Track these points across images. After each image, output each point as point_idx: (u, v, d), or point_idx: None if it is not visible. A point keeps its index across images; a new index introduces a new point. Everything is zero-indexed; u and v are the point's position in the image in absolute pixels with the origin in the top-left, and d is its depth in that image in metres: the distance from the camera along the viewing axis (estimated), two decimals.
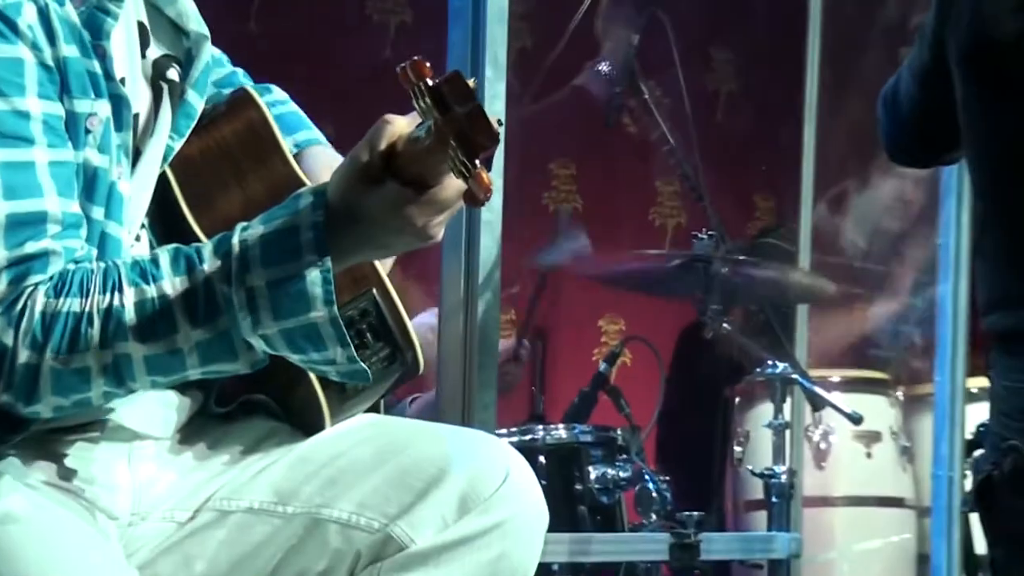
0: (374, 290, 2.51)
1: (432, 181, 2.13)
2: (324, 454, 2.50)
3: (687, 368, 6.41)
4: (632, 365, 6.51)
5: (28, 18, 2.24)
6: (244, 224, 2.27)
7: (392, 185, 2.13)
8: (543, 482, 4.46)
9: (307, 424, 2.53)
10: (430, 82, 2.11)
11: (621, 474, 4.44)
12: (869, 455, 5.89)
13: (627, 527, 4.56)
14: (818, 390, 4.96)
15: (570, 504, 4.53)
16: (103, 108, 2.32)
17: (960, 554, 4.97)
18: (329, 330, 2.24)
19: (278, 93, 2.83)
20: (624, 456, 4.51)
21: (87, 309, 2.20)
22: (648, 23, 5.38)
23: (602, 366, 5.10)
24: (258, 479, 2.49)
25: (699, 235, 4.84)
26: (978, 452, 4.12)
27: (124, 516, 2.43)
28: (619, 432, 4.66)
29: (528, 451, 4.53)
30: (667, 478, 4.60)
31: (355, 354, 2.32)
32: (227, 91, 2.79)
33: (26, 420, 2.28)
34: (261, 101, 2.63)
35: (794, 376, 4.81)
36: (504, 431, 4.67)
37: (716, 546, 4.46)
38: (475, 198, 2.12)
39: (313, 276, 2.19)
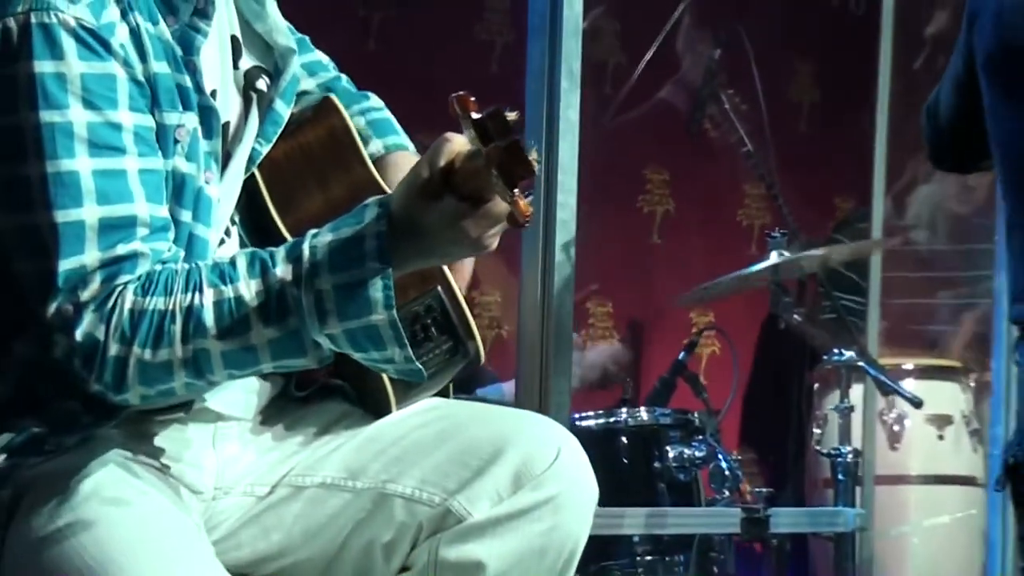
0: (439, 288, 2.50)
1: (487, 196, 2.13)
2: (391, 435, 2.51)
3: (769, 355, 6.42)
4: (722, 354, 6.49)
5: (120, 37, 2.24)
6: (315, 231, 2.27)
7: (449, 200, 2.13)
8: (625, 461, 4.54)
9: (376, 408, 2.54)
10: (475, 115, 2.13)
11: (696, 453, 4.44)
12: (941, 437, 5.87)
13: (704, 502, 4.54)
14: (882, 377, 4.93)
15: (650, 481, 4.52)
16: (191, 120, 2.33)
17: (1016, 530, 4.93)
18: (389, 332, 2.23)
19: (374, 100, 2.82)
20: (700, 437, 4.49)
21: (171, 308, 2.20)
22: (729, 39, 5.37)
23: (681, 354, 5.09)
24: (330, 457, 2.51)
25: (773, 233, 4.82)
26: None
27: (208, 491, 2.45)
28: (696, 415, 4.65)
29: (611, 432, 4.63)
30: (739, 457, 4.61)
31: (412, 354, 2.31)
32: (334, 96, 2.78)
33: (119, 407, 2.28)
34: (343, 109, 2.62)
35: (859, 363, 4.78)
36: (591, 413, 4.70)
37: (784, 520, 4.44)
38: (516, 221, 2.14)
39: (375, 282, 2.19)
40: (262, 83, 2.55)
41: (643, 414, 4.68)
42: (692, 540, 4.50)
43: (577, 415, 4.72)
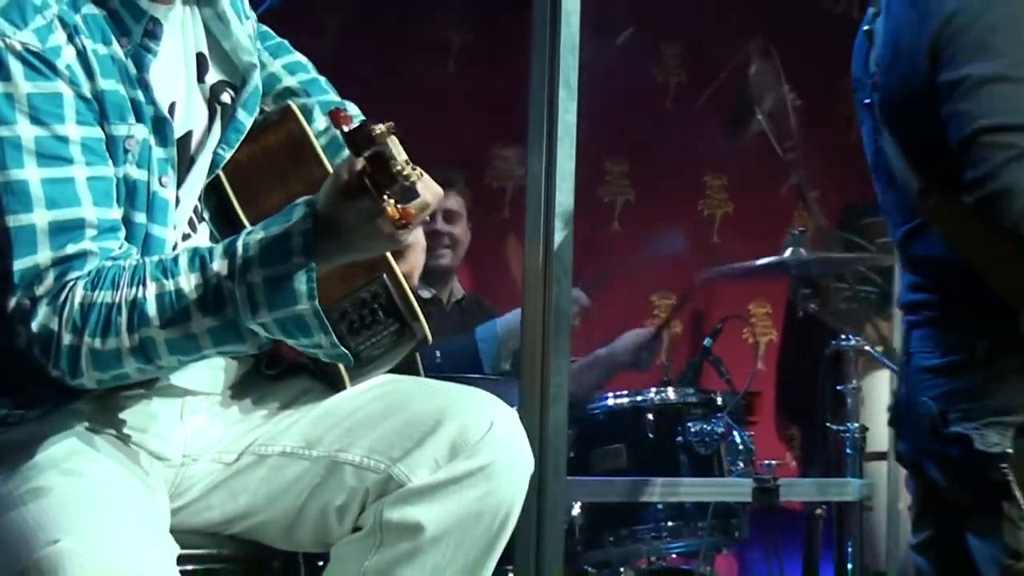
0: (384, 276, 2.48)
1: (415, 196, 2.14)
2: (344, 409, 2.51)
3: (799, 340, 6.42)
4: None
5: (67, 58, 2.25)
6: (250, 229, 2.29)
7: (365, 199, 2.13)
8: (650, 435, 4.49)
9: (334, 384, 2.54)
10: (345, 129, 2.16)
11: (716, 429, 4.39)
12: None
13: (724, 474, 4.50)
14: (886, 360, 4.85)
15: (673, 454, 4.48)
16: (140, 131, 2.33)
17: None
18: (314, 321, 2.24)
19: (352, 108, 2.80)
20: (719, 415, 4.46)
21: (117, 301, 2.21)
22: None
23: (707, 341, 5.11)
24: (291, 428, 2.51)
25: (793, 231, 4.82)
26: None
27: (176, 458, 2.46)
28: (718, 394, 4.65)
29: (639, 410, 4.60)
30: (752, 432, 4.56)
31: (336, 341, 2.32)
32: (314, 98, 2.82)
33: (75, 391, 2.31)
34: (301, 116, 2.62)
35: (866, 348, 4.77)
36: (624, 392, 4.69)
37: (794, 490, 4.36)
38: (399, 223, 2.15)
39: (300, 275, 2.20)
40: (226, 96, 2.54)
41: (670, 393, 4.66)
42: (707, 508, 4.47)
43: (611, 393, 4.75)
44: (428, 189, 2.25)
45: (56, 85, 2.23)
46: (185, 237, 2.50)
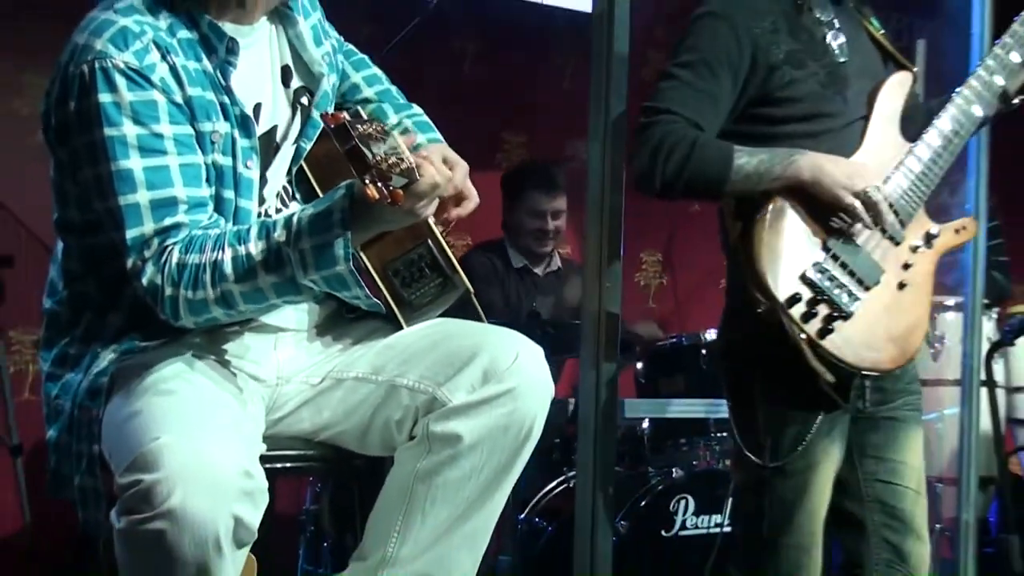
0: (428, 240, 2.48)
1: (413, 180, 2.13)
2: (401, 344, 2.50)
3: None
4: None
5: (160, 73, 2.27)
6: (304, 206, 2.30)
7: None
8: (703, 367, 4.45)
9: (396, 326, 2.53)
10: (331, 126, 2.13)
11: None
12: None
13: None
14: None
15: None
16: (223, 126, 2.35)
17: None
18: (351, 278, 2.25)
19: (416, 108, 2.77)
20: None
21: (203, 262, 2.23)
22: None
23: None
24: (361, 359, 2.52)
25: None
26: None
27: (271, 379, 2.48)
28: None
29: (695, 347, 4.55)
30: None
31: (369, 294, 2.34)
32: (386, 104, 2.77)
33: (182, 329, 2.35)
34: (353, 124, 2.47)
35: None
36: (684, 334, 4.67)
37: None
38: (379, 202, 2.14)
39: (339, 242, 2.21)
40: (304, 99, 2.55)
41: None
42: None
43: (674, 335, 4.74)
44: (433, 170, 2.22)
45: (152, 94, 2.25)
46: (278, 211, 2.52)
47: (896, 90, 3.04)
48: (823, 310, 2.83)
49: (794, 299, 2.82)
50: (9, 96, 4.66)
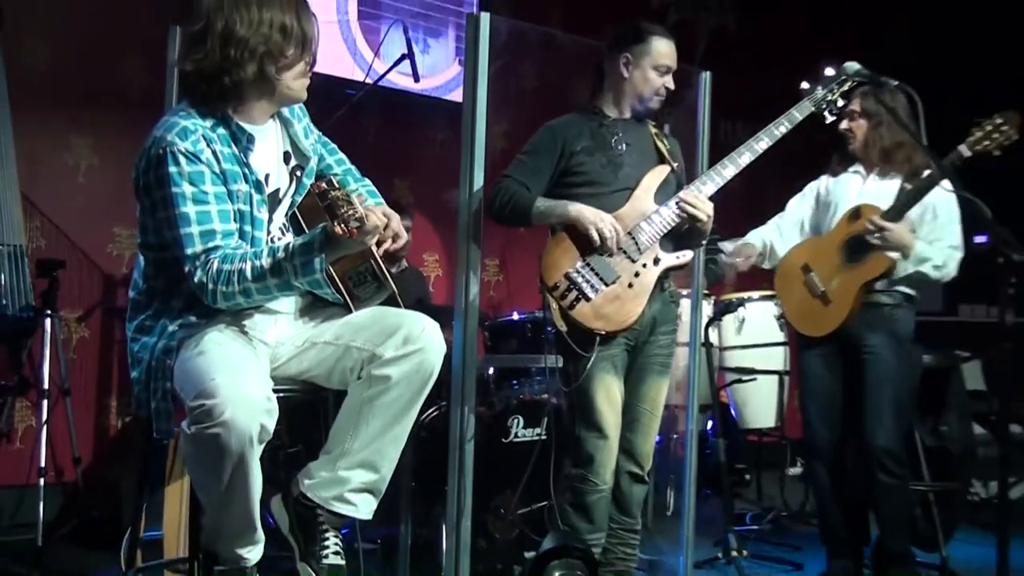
0: (371, 260, 2.46)
1: (363, 224, 2.14)
2: (353, 321, 2.48)
3: None
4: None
5: (207, 154, 2.28)
6: (296, 237, 2.31)
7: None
8: (529, 335, 4.13)
9: (347, 311, 2.51)
10: (315, 192, 2.18)
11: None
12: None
13: None
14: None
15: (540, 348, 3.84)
16: (244, 187, 2.34)
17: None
18: (325, 282, 2.29)
19: (367, 181, 2.70)
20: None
21: (232, 269, 2.24)
22: None
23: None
24: (328, 330, 2.50)
25: None
26: None
27: (272, 343, 2.48)
28: None
29: (524, 321, 4.27)
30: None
31: (333, 291, 2.34)
32: (348, 177, 2.68)
33: (220, 310, 2.34)
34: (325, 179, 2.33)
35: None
36: (516, 310, 4.41)
37: None
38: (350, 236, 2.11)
39: (317, 260, 2.22)
40: (298, 171, 2.52)
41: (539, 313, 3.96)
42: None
43: (508, 313, 4.44)
44: (376, 218, 2.22)
45: (200, 167, 2.26)
46: (279, 238, 2.49)
47: (656, 176, 3.19)
48: (572, 293, 3.04)
49: (555, 286, 3.04)
50: (61, 150, 4.46)
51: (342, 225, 2.09)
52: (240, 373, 2.18)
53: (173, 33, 3.50)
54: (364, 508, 2.45)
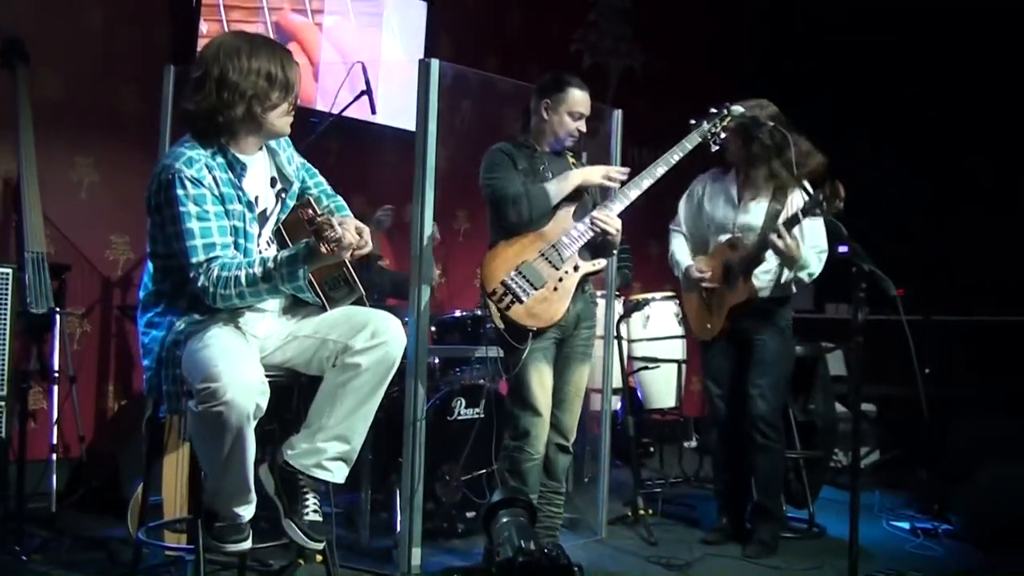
0: (343, 268, 2.44)
1: (340, 240, 2.15)
2: (328, 318, 2.47)
3: None
4: None
5: (208, 180, 2.27)
6: (282, 250, 2.30)
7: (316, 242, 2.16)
8: (469, 329, 4.06)
9: (325, 308, 2.48)
10: (302, 215, 2.20)
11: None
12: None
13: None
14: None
15: (478, 339, 3.98)
16: (238, 207, 2.32)
17: None
18: (307, 287, 2.31)
19: (339, 198, 2.65)
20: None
21: (229, 275, 2.24)
22: None
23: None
24: (307, 325, 2.49)
25: None
26: None
27: (261, 336, 2.46)
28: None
29: (467, 319, 4.14)
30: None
31: (313, 294, 2.33)
32: (324, 195, 2.62)
33: (219, 309, 2.32)
34: (315, 204, 2.37)
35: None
36: (459, 309, 4.28)
37: None
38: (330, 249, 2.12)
39: (301, 270, 2.23)
40: (283, 194, 2.51)
41: (480, 311, 4.06)
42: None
43: (453, 310, 4.26)
44: (351, 236, 2.22)
45: (203, 191, 2.25)
46: (266, 249, 2.48)
47: (574, 198, 3.21)
48: (508, 297, 3.03)
49: (494, 292, 3.04)
50: (65, 169, 4.38)
51: (327, 245, 2.12)
52: (238, 361, 2.19)
53: (168, 72, 3.63)
54: (339, 474, 2.44)
